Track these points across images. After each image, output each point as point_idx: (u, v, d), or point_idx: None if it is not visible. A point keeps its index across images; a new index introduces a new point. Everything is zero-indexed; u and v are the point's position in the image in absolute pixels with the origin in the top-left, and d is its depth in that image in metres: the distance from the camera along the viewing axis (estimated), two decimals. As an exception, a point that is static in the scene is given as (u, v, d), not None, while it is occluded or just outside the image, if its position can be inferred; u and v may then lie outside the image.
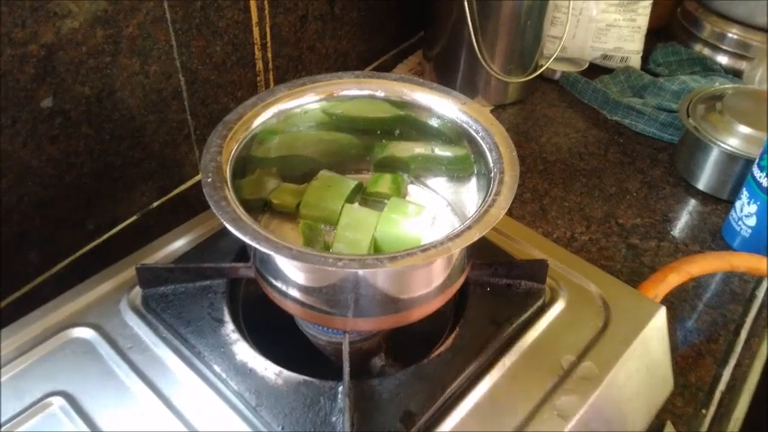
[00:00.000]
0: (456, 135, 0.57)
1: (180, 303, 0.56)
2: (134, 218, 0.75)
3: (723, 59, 1.06)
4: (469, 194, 0.58)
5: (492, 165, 0.52)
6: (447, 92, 0.57)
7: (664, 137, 0.96)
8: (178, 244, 0.63)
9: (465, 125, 0.55)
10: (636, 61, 1.07)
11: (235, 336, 0.53)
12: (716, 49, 1.07)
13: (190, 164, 0.81)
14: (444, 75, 1.02)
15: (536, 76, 1.01)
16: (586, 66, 1.07)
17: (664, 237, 0.83)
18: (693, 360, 0.69)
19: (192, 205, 0.79)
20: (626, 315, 0.58)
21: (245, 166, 0.54)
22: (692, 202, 0.88)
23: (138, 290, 0.58)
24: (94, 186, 0.68)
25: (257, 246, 0.44)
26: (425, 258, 0.44)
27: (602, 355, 0.55)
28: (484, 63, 0.95)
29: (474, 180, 0.56)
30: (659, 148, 0.96)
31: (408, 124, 0.60)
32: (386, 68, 1.08)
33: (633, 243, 0.82)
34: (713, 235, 0.84)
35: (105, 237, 0.73)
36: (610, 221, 0.85)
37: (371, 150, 0.64)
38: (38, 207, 0.62)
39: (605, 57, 1.08)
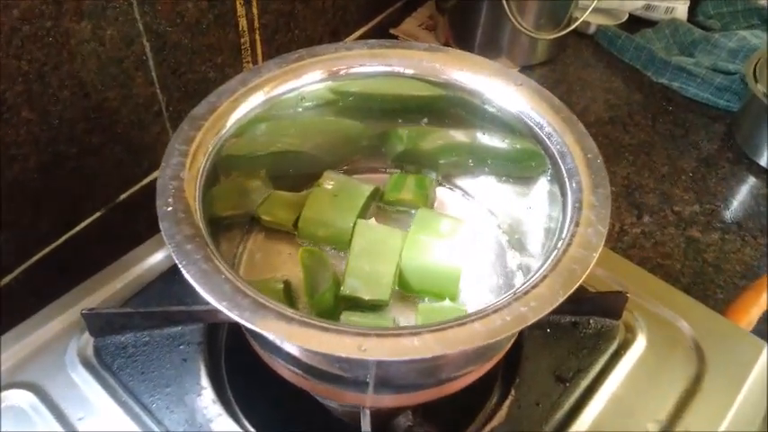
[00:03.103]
0: (510, 126, 0.41)
1: (143, 359, 0.41)
2: (97, 214, 0.62)
3: (783, 9, 0.88)
4: (526, 202, 0.42)
5: (566, 176, 0.36)
6: (495, 68, 0.41)
7: (719, 103, 0.80)
8: (140, 269, 0.47)
9: (524, 117, 0.39)
10: (682, 12, 0.89)
11: (216, 408, 0.38)
12: (774, -4, 0.89)
13: (162, 146, 0.66)
14: (461, 30, 0.85)
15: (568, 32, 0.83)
16: (625, 18, 0.91)
17: (727, 227, 0.68)
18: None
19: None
20: (724, 359, 0.44)
21: (222, 167, 0.38)
22: (757, 183, 0.73)
23: (89, 335, 0.43)
24: (44, 181, 0.55)
25: (239, 319, 0.29)
26: (489, 336, 0.29)
27: (699, 418, 0.41)
28: (511, 16, 0.78)
29: (542, 183, 0.40)
30: (714, 117, 0.80)
31: (439, 107, 0.44)
32: (391, 23, 0.91)
33: (693, 236, 0.67)
34: (783, 223, 0.68)
35: (63, 239, 0.60)
36: (664, 209, 0.69)
37: (387, 140, 0.48)
38: (-28, 212, 0.50)
39: (648, 7, 0.90)
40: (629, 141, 0.77)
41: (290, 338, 0.28)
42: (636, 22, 0.91)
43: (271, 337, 0.28)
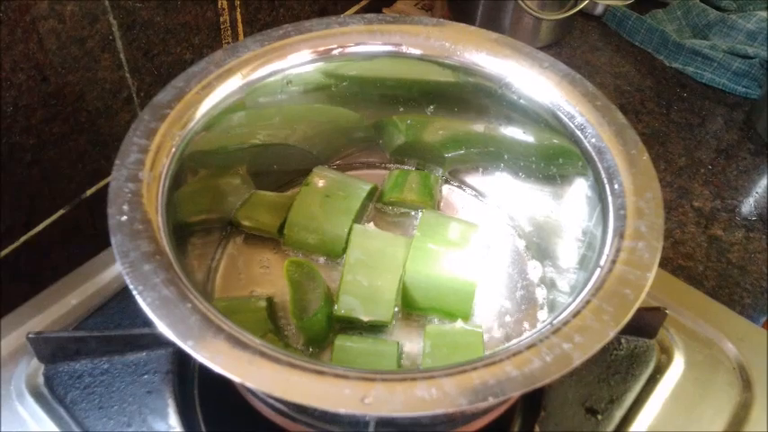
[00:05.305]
0: (534, 115, 0.34)
1: (101, 390, 0.35)
2: (60, 212, 0.58)
3: (801, -12, 0.82)
4: (551, 204, 0.36)
5: (604, 177, 0.30)
6: (516, 47, 0.34)
7: (737, 89, 0.75)
8: (97, 283, 0.41)
9: (551, 106, 0.33)
10: (695, -9, 0.83)
11: (187, 454, 0.32)
12: (792, -26, 0.83)
13: (134, 136, 0.61)
14: (460, 9, 0.79)
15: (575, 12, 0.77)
16: (635, -2, 0.83)
17: (751, 225, 0.62)
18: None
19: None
20: (773, 382, 0.38)
21: (191, 165, 0.32)
22: (780, 176, 0.67)
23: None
24: (-3, 177, 0.50)
25: (210, 364, 0.23)
26: (525, 383, 0.23)
27: (750, 455, 0.35)
28: (515, -5, 0.71)
29: (572, 183, 0.34)
30: (732, 105, 0.74)
31: (449, 93, 0.38)
32: (384, 2, 0.85)
33: (715, 234, 0.61)
34: (809, 218, 0.63)
35: (21, 241, 0.55)
36: (683, 205, 0.64)
37: (385, 131, 0.42)
38: None
39: (659, -14, 0.84)
40: (642, 131, 0.71)
41: (276, 390, 0.22)
42: (645, 2, 0.85)
43: (251, 386, 0.22)
